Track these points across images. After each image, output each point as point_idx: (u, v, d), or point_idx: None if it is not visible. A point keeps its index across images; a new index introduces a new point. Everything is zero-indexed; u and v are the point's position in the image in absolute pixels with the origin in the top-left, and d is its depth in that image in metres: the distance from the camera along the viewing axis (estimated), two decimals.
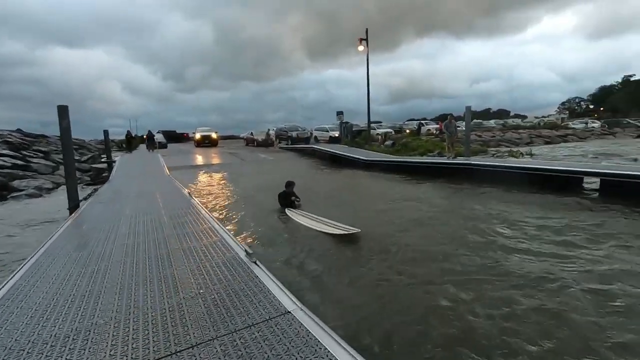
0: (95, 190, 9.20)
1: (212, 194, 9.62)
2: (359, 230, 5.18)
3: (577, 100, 78.37)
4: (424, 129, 28.26)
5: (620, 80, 68.47)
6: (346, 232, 5.20)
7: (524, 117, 59.52)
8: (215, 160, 19.34)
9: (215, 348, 1.92)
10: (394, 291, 3.53)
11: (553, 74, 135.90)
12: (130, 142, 23.20)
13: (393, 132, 26.14)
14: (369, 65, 20.77)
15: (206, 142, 27.59)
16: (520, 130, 31.60)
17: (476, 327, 2.85)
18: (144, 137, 26.22)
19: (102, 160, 17.56)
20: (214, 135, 28.38)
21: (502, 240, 4.87)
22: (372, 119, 22.48)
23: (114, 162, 15.39)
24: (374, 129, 25.37)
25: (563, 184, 8.17)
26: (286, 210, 7.08)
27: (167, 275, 2.97)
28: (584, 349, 2.54)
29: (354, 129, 23.25)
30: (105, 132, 16.75)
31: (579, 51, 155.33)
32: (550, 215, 6.01)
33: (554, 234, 5.06)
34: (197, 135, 28.15)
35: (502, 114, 77.67)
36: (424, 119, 50.18)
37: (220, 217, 6.85)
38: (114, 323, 2.24)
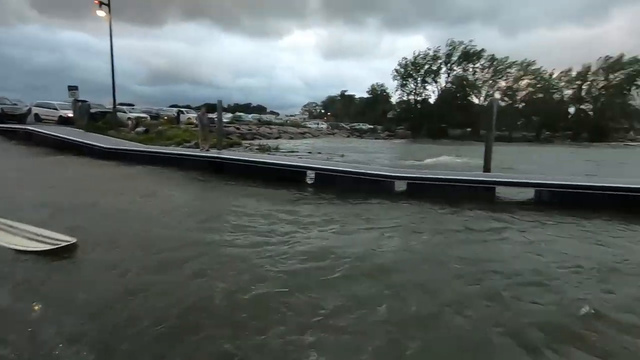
0: None
1: None
2: (75, 240, 4.25)
3: (314, 104, 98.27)
4: (184, 117, 26.99)
5: (339, 93, 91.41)
6: (55, 246, 4.11)
7: (277, 114, 69.07)
8: None
9: None
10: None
11: (299, 80, 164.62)
12: None
13: (148, 118, 23.46)
14: (112, 35, 17.72)
15: None
16: (272, 126, 36.17)
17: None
18: None
19: None
20: None
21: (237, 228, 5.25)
22: (128, 100, 19.32)
23: None
24: (125, 112, 21.97)
25: (293, 176, 9.74)
26: None
27: None
28: None
29: (93, 110, 19.25)
30: None
31: (317, 65, 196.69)
32: (266, 202, 7.08)
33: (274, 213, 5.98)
34: None
35: (261, 109, 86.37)
36: (188, 106, 48.52)
37: None
38: None
